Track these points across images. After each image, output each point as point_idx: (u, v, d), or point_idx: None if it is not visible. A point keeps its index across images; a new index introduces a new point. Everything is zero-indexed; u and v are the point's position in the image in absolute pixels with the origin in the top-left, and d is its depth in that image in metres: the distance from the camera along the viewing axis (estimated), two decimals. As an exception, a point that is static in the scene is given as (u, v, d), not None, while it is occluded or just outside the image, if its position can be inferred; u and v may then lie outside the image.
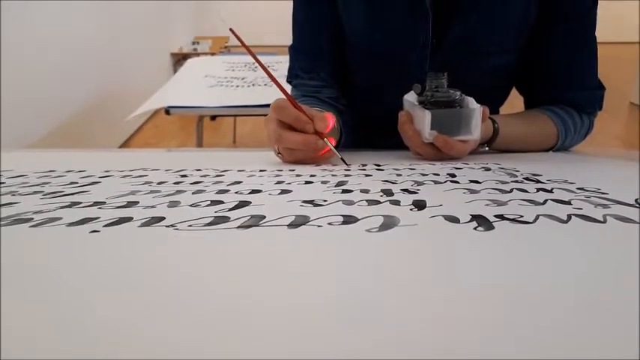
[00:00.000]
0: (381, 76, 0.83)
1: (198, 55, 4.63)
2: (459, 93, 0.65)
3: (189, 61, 3.04)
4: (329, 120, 0.60)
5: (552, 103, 0.81)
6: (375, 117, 0.89)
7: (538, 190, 0.41)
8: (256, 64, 2.25)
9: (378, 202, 0.36)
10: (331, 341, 0.15)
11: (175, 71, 3.62)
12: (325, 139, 0.60)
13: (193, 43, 5.17)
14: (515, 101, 0.90)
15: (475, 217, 0.31)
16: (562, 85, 0.80)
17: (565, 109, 0.80)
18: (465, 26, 0.75)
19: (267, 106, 1.98)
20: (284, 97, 0.62)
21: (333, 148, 0.61)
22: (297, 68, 0.87)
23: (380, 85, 0.83)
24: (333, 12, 0.81)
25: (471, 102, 0.65)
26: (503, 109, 0.88)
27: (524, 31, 0.78)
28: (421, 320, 0.17)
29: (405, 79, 0.75)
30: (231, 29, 0.64)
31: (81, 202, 0.37)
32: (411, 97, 0.69)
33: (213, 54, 4.57)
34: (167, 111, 1.90)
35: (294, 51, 0.87)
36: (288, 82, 0.91)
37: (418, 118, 0.65)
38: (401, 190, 0.42)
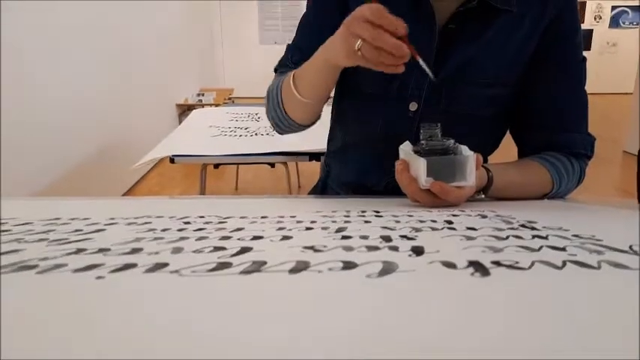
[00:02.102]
0: (382, 89, 0.84)
1: (202, 106, 4.73)
2: (452, 141, 0.67)
3: (194, 112, 3.10)
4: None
5: (544, 149, 0.84)
6: (371, 139, 0.89)
7: (533, 236, 0.41)
8: (259, 115, 2.29)
9: (377, 248, 0.37)
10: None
11: (180, 121, 3.69)
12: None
13: (198, 94, 5.29)
14: (511, 147, 0.92)
15: (472, 263, 0.32)
16: (553, 128, 0.83)
17: (556, 156, 0.82)
18: (465, 55, 0.80)
19: (269, 154, 2.00)
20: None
21: (420, 59, 0.65)
22: (289, 59, 0.89)
23: (380, 100, 0.85)
24: (337, 25, 0.85)
25: (465, 149, 0.66)
26: (500, 156, 0.90)
27: (519, 68, 0.82)
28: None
29: (404, 97, 0.81)
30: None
31: (86, 249, 0.38)
32: (406, 147, 0.71)
33: (217, 105, 4.67)
34: (172, 159, 1.93)
35: (292, 46, 0.90)
36: (275, 69, 0.93)
37: (414, 166, 0.67)
38: (400, 236, 0.42)
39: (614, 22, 8.74)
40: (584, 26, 8.50)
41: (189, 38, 5.82)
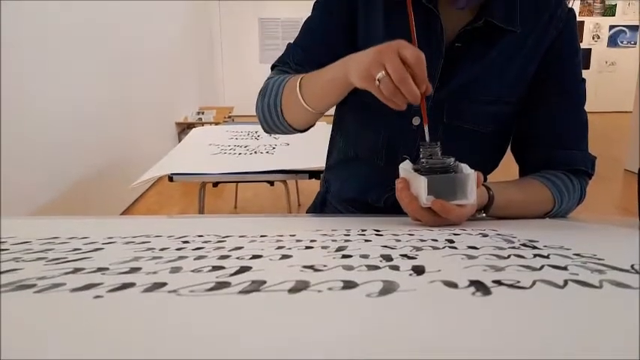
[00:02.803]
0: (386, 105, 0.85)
1: (202, 124, 4.75)
2: (452, 159, 0.67)
3: (193, 130, 3.12)
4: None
5: (544, 167, 0.84)
6: (373, 152, 0.89)
7: (535, 255, 0.41)
8: (259, 133, 2.30)
9: (377, 268, 0.37)
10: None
11: (180, 140, 3.70)
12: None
13: (198, 112, 5.31)
14: (511, 166, 0.92)
15: (473, 283, 0.32)
16: (553, 145, 0.84)
17: (556, 174, 0.82)
18: (469, 74, 0.81)
19: (269, 172, 2.00)
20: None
21: (425, 124, 0.67)
22: (289, 58, 0.88)
23: (383, 113, 0.85)
24: (343, 37, 0.85)
25: (465, 168, 0.66)
26: (500, 174, 0.90)
27: (520, 86, 0.84)
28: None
29: (408, 111, 0.79)
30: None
31: (84, 268, 0.38)
32: (406, 165, 0.71)
33: (217, 123, 4.69)
34: (170, 178, 1.94)
35: (294, 45, 0.89)
36: (273, 66, 0.91)
37: (415, 185, 0.67)
38: (400, 255, 0.42)
39: (612, 42, 8.84)
40: (582, 45, 8.52)
41: (189, 57, 5.88)
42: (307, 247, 0.47)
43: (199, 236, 0.56)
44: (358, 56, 0.67)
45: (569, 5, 0.85)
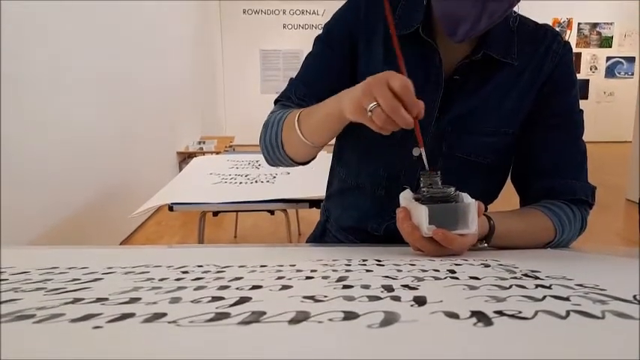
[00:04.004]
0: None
1: (203, 153, 4.78)
2: (453, 189, 0.67)
3: (194, 159, 3.13)
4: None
5: (545, 196, 0.84)
6: (372, 181, 0.89)
7: (537, 286, 0.41)
8: (260, 162, 2.31)
9: (378, 298, 0.37)
10: None
11: (181, 169, 3.72)
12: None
13: (199, 142, 5.35)
14: (511, 195, 0.93)
15: (475, 313, 0.31)
16: (553, 176, 0.85)
17: (557, 204, 0.83)
18: (467, 106, 0.83)
19: (269, 201, 2.00)
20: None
21: (422, 148, 0.69)
22: (292, 93, 0.90)
23: (383, 143, 0.85)
24: (344, 71, 0.86)
25: (466, 197, 0.66)
26: (501, 204, 0.90)
27: (518, 118, 0.85)
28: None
29: (408, 142, 0.83)
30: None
31: (84, 299, 0.38)
32: (407, 194, 0.71)
33: (218, 153, 4.72)
34: (170, 207, 1.93)
35: (295, 80, 0.91)
36: (275, 101, 0.93)
37: (416, 214, 0.66)
38: (401, 285, 0.42)
39: (610, 72, 8.96)
40: (580, 76, 8.71)
41: (191, 87, 5.95)
42: (308, 278, 0.47)
43: (199, 266, 0.56)
44: (350, 90, 0.69)
45: (566, 38, 0.87)
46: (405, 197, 0.71)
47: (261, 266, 0.55)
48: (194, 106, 6.18)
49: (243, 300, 0.37)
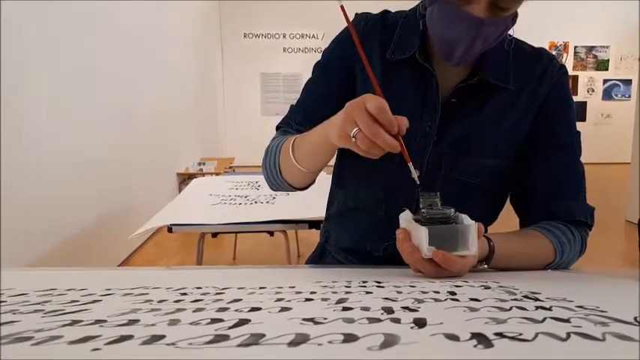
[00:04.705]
0: (383, 156, 0.85)
1: (203, 175, 4.78)
2: (452, 210, 0.67)
3: (194, 180, 3.14)
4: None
5: (544, 218, 0.84)
6: (372, 203, 0.90)
7: (537, 308, 0.41)
8: (259, 183, 2.30)
9: (378, 320, 0.37)
10: None
11: (181, 190, 3.72)
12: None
13: (199, 163, 5.36)
14: (510, 217, 0.93)
15: (475, 335, 0.31)
16: (552, 197, 0.85)
17: (556, 225, 0.83)
18: (464, 129, 0.84)
19: (268, 222, 1.99)
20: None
21: (410, 163, 0.68)
22: (292, 119, 0.92)
23: (382, 166, 0.85)
24: (341, 95, 0.87)
25: (466, 218, 0.66)
26: (500, 226, 0.90)
27: (516, 141, 0.86)
28: None
29: (405, 164, 0.81)
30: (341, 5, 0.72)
31: (82, 321, 0.38)
32: (406, 215, 0.71)
33: (218, 174, 4.73)
34: (170, 229, 1.93)
35: (295, 106, 0.93)
36: (278, 127, 0.95)
37: (416, 235, 0.66)
38: (401, 307, 0.42)
39: (607, 95, 9.04)
40: (577, 98, 8.79)
41: (192, 108, 5.99)
42: (307, 299, 0.47)
43: (198, 288, 0.55)
44: (334, 118, 0.70)
45: (562, 61, 0.89)
46: (405, 218, 0.71)
47: (260, 288, 0.55)
48: (194, 128, 6.21)
49: (242, 322, 0.36)
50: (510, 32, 0.82)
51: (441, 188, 0.81)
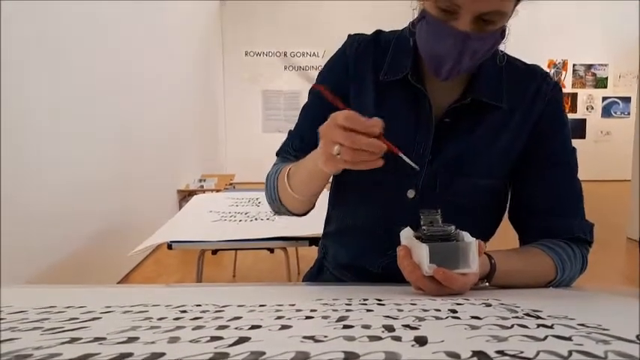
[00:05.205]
0: (380, 177, 0.85)
1: (204, 191, 4.78)
2: (453, 227, 0.67)
3: (194, 197, 3.14)
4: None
5: (543, 236, 0.84)
6: (369, 222, 0.90)
7: (539, 325, 0.41)
8: (260, 200, 2.30)
9: (379, 338, 0.36)
10: None
11: (181, 207, 3.71)
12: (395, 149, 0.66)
13: (200, 180, 5.36)
14: (509, 233, 0.92)
15: (476, 353, 0.31)
16: (551, 215, 0.85)
17: (557, 243, 0.83)
18: (458, 148, 0.84)
19: (269, 239, 1.98)
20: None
21: (398, 151, 0.67)
22: (289, 146, 0.94)
23: (378, 187, 0.87)
24: None
25: (467, 236, 0.66)
26: (499, 243, 0.90)
27: (510, 160, 0.86)
28: None
29: (402, 185, 0.84)
30: (322, 89, 0.75)
31: (81, 338, 0.37)
32: (407, 233, 0.71)
33: (218, 190, 4.73)
34: (169, 246, 1.93)
35: (294, 133, 0.94)
36: (277, 153, 0.97)
37: (416, 253, 0.66)
38: (402, 325, 0.42)
39: (606, 112, 9.07)
40: (577, 116, 8.83)
41: (192, 125, 6.01)
42: (307, 317, 0.47)
43: (197, 305, 0.55)
44: (318, 147, 0.71)
45: (561, 79, 0.89)
46: (406, 236, 0.71)
47: (260, 305, 0.55)
48: (195, 145, 6.23)
49: (242, 340, 0.36)
50: (502, 48, 0.82)
51: (439, 208, 0.81)
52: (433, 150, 0.84)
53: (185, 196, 4.96)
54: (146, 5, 3.88)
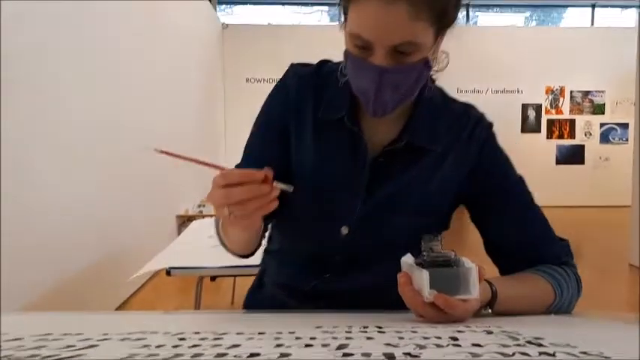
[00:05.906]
0: (315, 212, 0.87)
1: (203, 216, 4.77)
2: (453, 253, 0.67)
3: (193, 222, 3.13)
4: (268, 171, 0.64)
5: (529, 266, 0.84)
6: (305, 250, 0.91)
7: (540, 353, 0.40)
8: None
9: (379, 367, 0.36)
10: None
11: (180, 232, 3.70)
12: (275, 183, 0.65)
13: (199, 205, 5.35)
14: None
15: (478, 383, 0.31)
16: (527, 248, 0.85)
17: (549, 267, 0.83)
18: (392, 188, 0.85)
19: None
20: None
21: (282, 184, 0.65)
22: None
23: (313, 222, 0.87)
24: (279, 153, 0.88)
25: (467, 262, 0.66)
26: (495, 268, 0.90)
27: (443, 200, 0.88)
28: None
29: (335, 221, 0.85)
30: (162, 151, 0.73)
31: (78, 366, 0.37)
32: (408, 259, 0.70)
33: (217, 215, 4.71)
34: (168, 272, 1.91)
35: (245, 154, 0.93)
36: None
37: (417, 279, 0.66)
38: (403, 353, 0.41)
39: (604, 138, 9.12)
40: (575, 142, 8.86)
41: (192, 150, 6.03)
42: (307, 345, 0.46)
43: (196, 333, 0.54)
44: None
45: (559, 105, 0.90)
46: (406, 261, 0.70)
47: (259, 333, 0.54)
48: (195, 170, 6.23)
49: (241, 368, 0.36)
50: (437, 78, 0.85)
51: (370, 246, 0.85)
52: (368, 188, 0.84)
53: (184, 221, 4.94)
54: (147, 31, 3.95)
